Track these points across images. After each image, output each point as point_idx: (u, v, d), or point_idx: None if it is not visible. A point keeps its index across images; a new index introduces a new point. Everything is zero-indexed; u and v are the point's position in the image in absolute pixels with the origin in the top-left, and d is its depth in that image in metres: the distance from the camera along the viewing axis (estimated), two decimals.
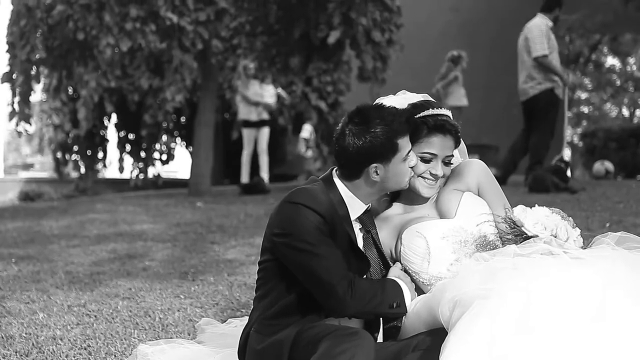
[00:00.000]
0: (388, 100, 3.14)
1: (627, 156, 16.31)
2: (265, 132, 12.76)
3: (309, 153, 15.94)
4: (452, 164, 3.10)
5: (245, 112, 12.74)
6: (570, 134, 32.33)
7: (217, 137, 16.75)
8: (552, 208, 2.92)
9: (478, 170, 3.15)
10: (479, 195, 3.14)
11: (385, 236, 3.12)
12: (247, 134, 12.75)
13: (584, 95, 33.79)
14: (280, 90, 14.15)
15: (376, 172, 2.87)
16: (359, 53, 13.68)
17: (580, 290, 2.40)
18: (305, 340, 2.73)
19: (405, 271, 3.06)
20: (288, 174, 19.35)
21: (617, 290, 2.41)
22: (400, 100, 3.19)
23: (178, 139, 20.11)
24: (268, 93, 12.91)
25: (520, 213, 2.89)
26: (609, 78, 32.79)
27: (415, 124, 2.98)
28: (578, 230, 2.87)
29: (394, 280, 2.94)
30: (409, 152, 2.91)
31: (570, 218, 2.90)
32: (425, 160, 3.03)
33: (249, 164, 12.74)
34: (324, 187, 2.93)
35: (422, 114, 3.01)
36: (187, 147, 19.77)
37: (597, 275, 2.46)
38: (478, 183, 3.13)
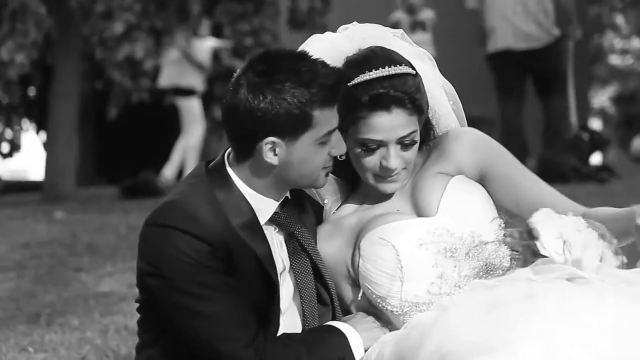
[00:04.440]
0: (319, 44, 3.05)
1: None
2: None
3: None
4: (415, 142, 3.01)
5: (190, 78, 12.77)
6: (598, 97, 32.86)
7: (86, 116, 16.57)
8: (592, 221, 2.85)
9: (478, 142, 3.10)
10: (480, 183, 3.10)
11: (337, 247, 3.09)
12: (196, 106, 12.86)
13: (618, 43, 34.41)
14: (218, 42, 14.09)
15: (273, 150, 2.78)
16: None
17: (628, 345, 2.37)
18: None
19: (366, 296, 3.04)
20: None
21: None
22: (339, 43, 3.09)
23: (25, 121, 19.84)
24: (200, 51, 13.05)
25: (541, 220, 2.82)
26: None
27: (348, 95, 2.90)
28: (621, 259, 2.81)
29: (331, 327, 2.92)
30: (332, 133, 2.83)
31: (615, 240, 2.83)
32: (370, 150, 2.97)
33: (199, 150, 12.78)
34: (210, 185, 2.85)
35: (352, 83, 2.93)
36: (38, 132, 19.52)
37: None
38: (480, 161, 3.08)
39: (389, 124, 2.94)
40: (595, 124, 30.27)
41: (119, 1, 14.50)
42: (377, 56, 2.99)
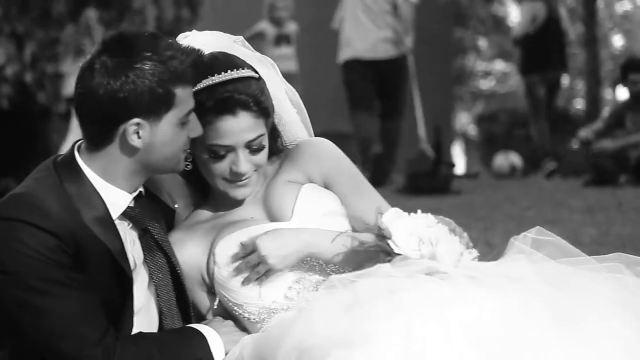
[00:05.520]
0: (190, 40, 3.03)
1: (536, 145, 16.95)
2: None
3: None
4: (264, 146, 3.02)
5: None
6: (466, 117, 33.53)
7: None
8: (442, 217, 2.93)
9: (323, 153, 3.15)
10: (327, 189, 3.12)
11: (190, 254, 3.05)
12: None
13: (480, 65, 35.15)
14: None
15: (137, 133, 2.72)
16: None
17: (491, 335, 2.39)
18: None
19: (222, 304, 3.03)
20: None
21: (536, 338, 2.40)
22: (209, 38, 3.11)
23: None
24: None
25: (392, 219, 2.86)
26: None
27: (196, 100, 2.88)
28: (474, 253, 2.88)
29: (190, 328, 2.88)
30: (190, 113, 2.80)
31: (465, 234, 2.92)
32: (219, 156, 2.95)
33: None
34: (59, 178, 2.76)
35: (195, 89, 2.90)
36: None
37: (515, 312, 2.46)
38: (323, 172, 3.12)
39: (236, 127, 2.94)
40: (458, 144, 30.90)
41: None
42: (218, 61, 3.00)
